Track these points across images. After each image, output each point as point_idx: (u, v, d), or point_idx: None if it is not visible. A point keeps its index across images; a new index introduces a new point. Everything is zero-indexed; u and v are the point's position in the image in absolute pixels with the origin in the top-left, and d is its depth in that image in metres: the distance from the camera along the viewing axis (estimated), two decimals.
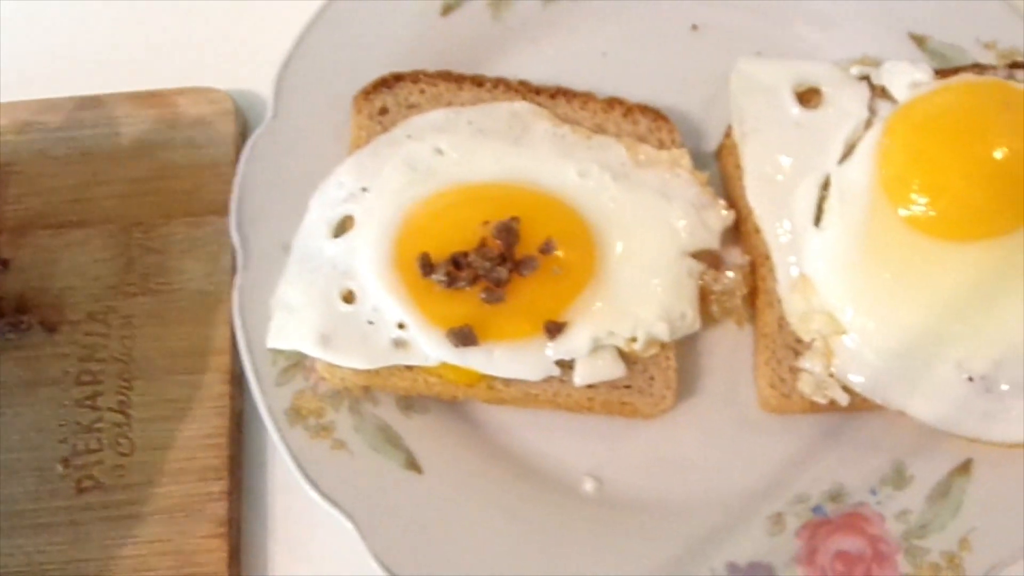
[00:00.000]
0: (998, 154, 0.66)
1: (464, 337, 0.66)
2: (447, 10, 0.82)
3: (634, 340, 0.68)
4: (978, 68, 0.75)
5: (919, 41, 0.80)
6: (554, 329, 0.67)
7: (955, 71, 0.75)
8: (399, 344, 0.68)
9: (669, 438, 0.72)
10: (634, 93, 0.80)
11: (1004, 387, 0.66)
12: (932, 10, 0.79)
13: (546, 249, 0.67)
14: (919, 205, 0.67)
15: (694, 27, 0.84)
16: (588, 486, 0.71)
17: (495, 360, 0.68)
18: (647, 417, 0.71)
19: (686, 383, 0.73)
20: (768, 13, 0.83)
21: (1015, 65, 0.74)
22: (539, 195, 0.70)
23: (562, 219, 0.69)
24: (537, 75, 0.80)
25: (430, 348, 0.67)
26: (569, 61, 0.83)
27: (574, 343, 0.68)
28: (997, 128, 0.67)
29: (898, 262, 0.68)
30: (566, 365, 0.69)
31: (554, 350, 0.68)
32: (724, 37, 0.83)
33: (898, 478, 0.69)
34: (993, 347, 0.66)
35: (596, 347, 0.69)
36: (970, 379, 0.66)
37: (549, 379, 0.69)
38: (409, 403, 0.71)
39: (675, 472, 0.71)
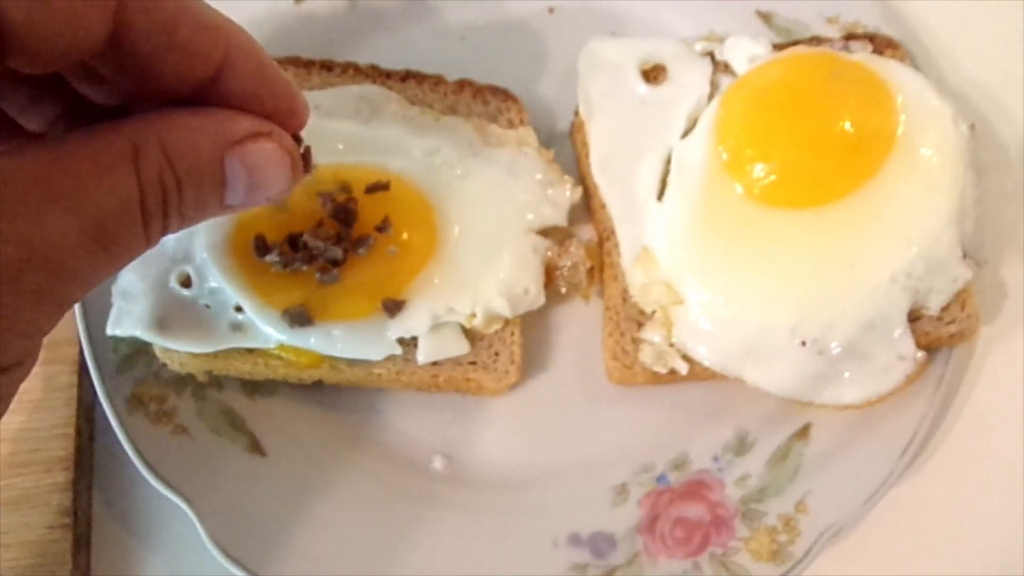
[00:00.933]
0: (822, 123, 0.68)
1: (299, 318, 0.66)
2: None
3: (474, 316, 0.69)
4: (815, 41, 0.76)
5: (766, 18, 0.81)
6: (392, 307, 0.67)
7: (794, 44, 0.76)
8: (237, 327, 0.67)
9: (518, 413, 0.72)
10: (492, 76, 0.80)
11: (835, 350, 0.66)
12: None
13: (382, 228, 0.67)
14: (749, 174, 0.69)
15: (551, 10, 0.85)
16: (437, 464, 0.71)
17: (334, 340, 0.67)
18: (493, 393, 0.71)
19: (535, 358, 0.73)
20: None
21: (850, 37, 0.75)
22: (378, 175, 0.70)
23: (400, 199, 0.69)
24: (395, 62, 0.81)
25: (268, 330, 0.67)
26: (427, 47, 0.83)
27: (414, 321, 0.68)
28: (822, 98, 0.69)
29: (732, 231, 0.69)
30: (410, 343, 0.69)
31: (394, 328, 0.68)
32: (580, 19, 0.84)
33: (740, 445, 0.70)
34: (823, 311, 0.67)
35: (438, 324, 0.69)
36: (803, 343, 0.67)
37: (392, 358, 0.69)
38: (255, 387, 0.71)
39: (523, 447, 0.72)
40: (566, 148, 0.79)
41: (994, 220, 0.78)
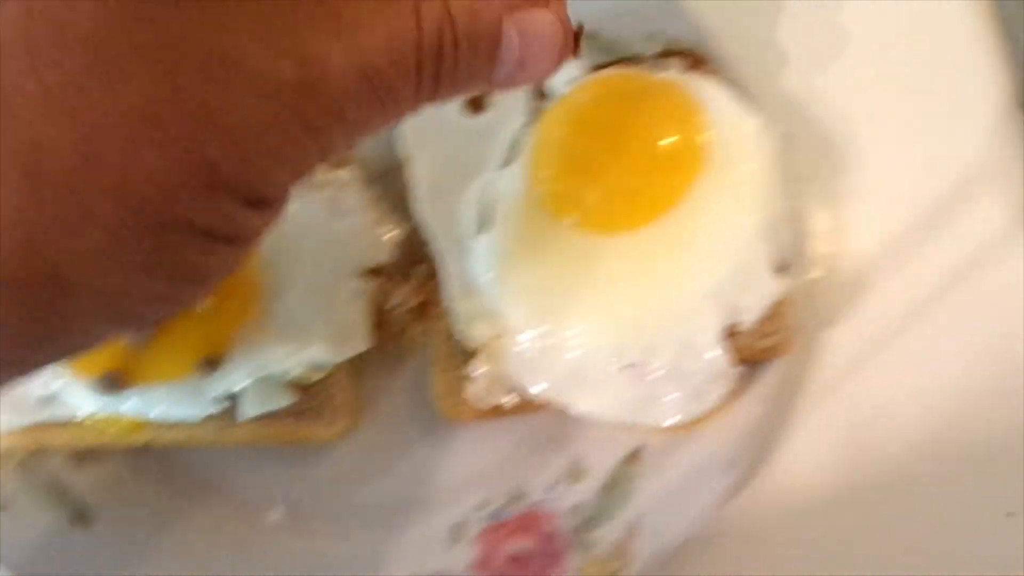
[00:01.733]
0: (630, 146, 0.68)
1: (111, 383, 0.64)
2: None
3: (295, 367, 0.68)
4: (633, 60, 0.76)
5: (591, 37, 0.80)
6: (209, 364, 0.66)
7: (610, 64, 0.76)
8: (46, 400, 0.66)
9: (355, 457, 0.71)
10: None
11: (657, 372, 0.66)
12: (600, 7, 0.80)
13: None
14: (562, 202, 0.68)
15: None
16: (276, 514, 0.70)
17: (151, 404, 0.66)
18: (326, 441, 0.70)
19: (371, 400, 0.72)
20: None
21: (665, 54, 0.75)
22: None
23: None
24: None
25: (79, 399, 0.66)
26: None
27: (233, 376, 0.67)
28: (630, 120, 0.69)
29: (551, 259, 0.69)
30: (233, 399, 0.68)
31: (213, 386, 0.67)
32: None
33: (573, 473, 0.70)
34: (643, 334, 0.67)
35: (260, 378, 0.68)
36: (626, 367, 0.67)
37: (215, 416, 0.68)
38: (83, 454, 0.70)
39: (362, 490, 0.71)
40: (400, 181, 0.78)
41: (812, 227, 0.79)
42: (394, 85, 0.41)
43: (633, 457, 0.69)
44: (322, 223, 0.72)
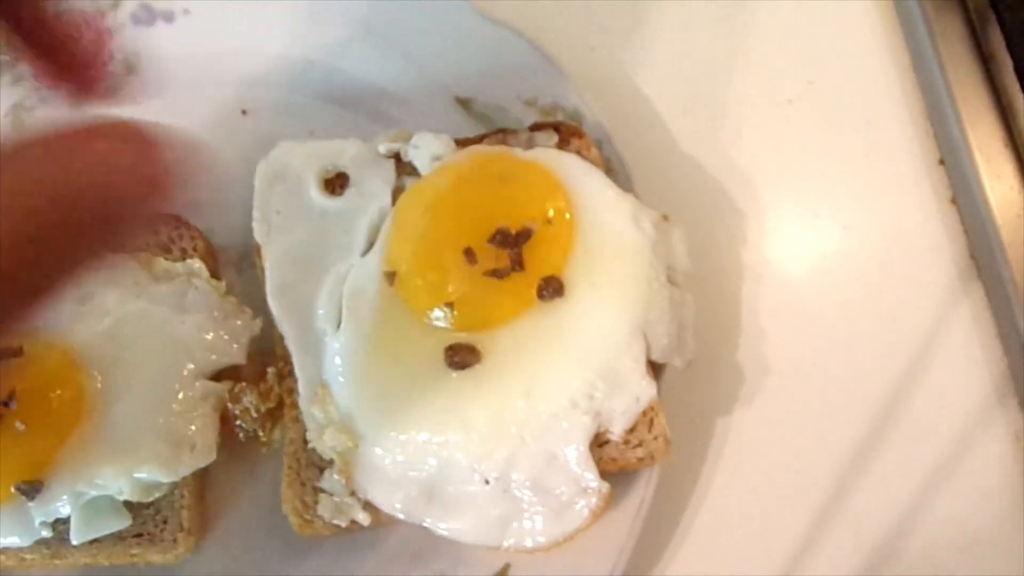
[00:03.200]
0: (489, 237, 0.62)
1: None
2: None
3: (122, 491, 0.62)
4: (501, 134, 0.70)
5: (464, 104, 0.75)
6: (28, 490, 0.60)
7: (480, 139, 0.70)
8: None
9: None
10: (180, 190, 0.74)
11: (519, 487, 0.61)
12: (473, 71, 0.74)
13: (7, 403, 0.60)
14: (416, 297, 0.63)
15: (244, 112, 0.78)
16: None
17: None
18: (166, 563, 0.65)
19: (218, 518, 0.67)
20: (320, 89, 0.78)
21: (536, 127, 0.70)
22: (10, 338, 0.63)
23: (36, 363, 0.63)
24: None
25: None
26: None
27: (56, 501, 0.61)
28: (489, 209, 0.63)
29: (405, 361, 0.63)
30: (64, 522, 0.63)
31: (37, 511, 0.61)
32: (275, 120, 0.77)
33: None
34: (503, 446, 0.61)
35: (88, 500, 0.62)
36: (486, 482, 0.61)
37: (44, 541, 0.62)
38: None
39: None
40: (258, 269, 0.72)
41: (717, 305, 0.74)
42: None
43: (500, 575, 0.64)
44: (163, 322, 0.66)
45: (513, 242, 0.61)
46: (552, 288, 0.61)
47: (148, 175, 0.35)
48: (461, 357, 0.61)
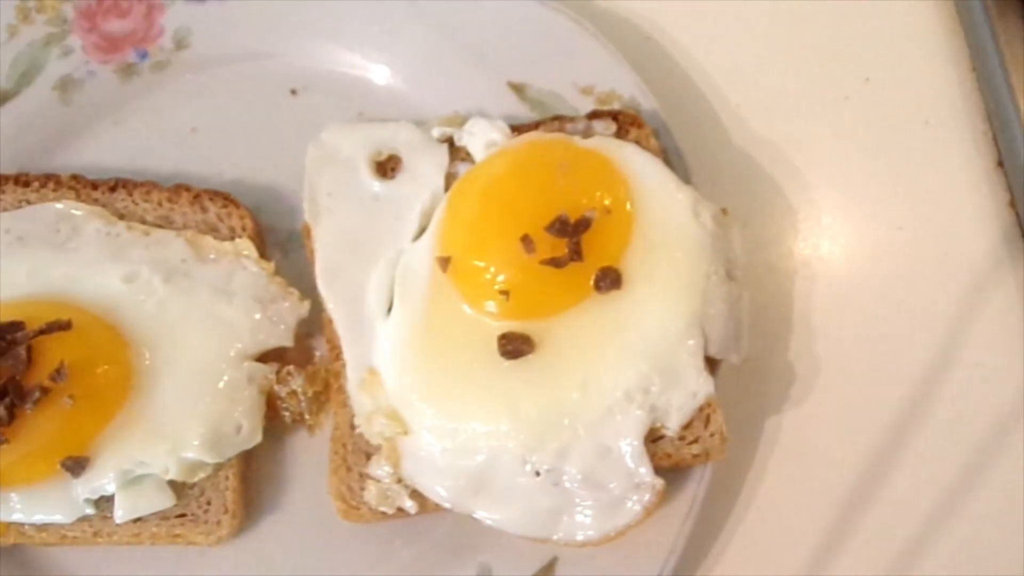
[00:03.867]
0: (548, 225, 0.60)
1: None
2: (3, 99, 0.74)
3: (167, 470, 0.61)
4: (557, 120, 0.69)
5: (518, 90, 0.73)
6: (74, 466, 0.60)
7: (536, 125, 0.69)
8: None
9: (245, 561, 0.65)
10: (227, 171, 0.74)
11: (571, 480, 0.60)
12: (527, 56, 0.73)
13: (57, 376, 0.59)
14: (470, 283, 0.62)
15: (293, 92, 0.77)
16: None
17: (15, 507, 0.60)
18: (210, 545, 0.64)
19: (265, 498, 0.66)
20: (371, 69, 0.76)
21: (594, 115, 0.68)
22: (60, 310, 0.62)
23: (85, 338, 0.62)
24: (118, 160, 0.74)
25: None
26: (154, 141, 0.75)
27: (102, 479, 0.61)
28: (548, 197, 0.62)
29: (458, 349, 0.62)
30: (107, 500, 0.62)
31: (81, 488, 0.61)
32: (325, 100, 0.76)
33: None
34: (556, 437, 0.60)
35: (135, 478, 0.62)
36: (537, 474, 0.60)
37: (87, 518, 0.62)
38: None
39: None
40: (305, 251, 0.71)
41: (770, 302, 0.72)
42: None
43: (547, 569, 0.62)
44: (210, 301, 0.66)
45: (572, 231, 0.60)
46: (610, 279, 0.60)
47: None
48: (515, 346, 0.60)
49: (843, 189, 0.77)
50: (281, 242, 0.73)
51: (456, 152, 0.69)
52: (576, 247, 0.60)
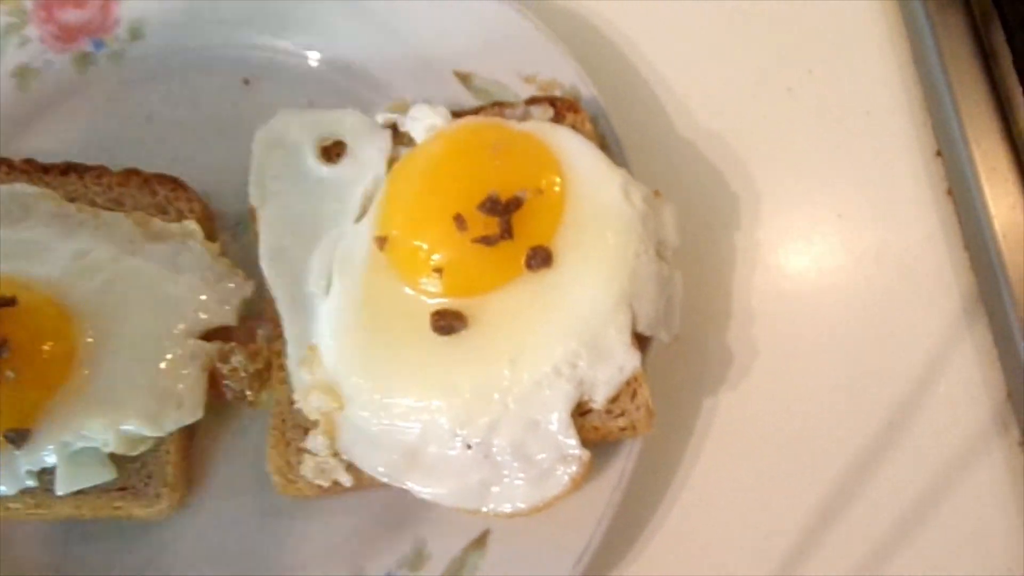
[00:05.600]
0: (480, 204, 0.62)
1: None
2: None
3: (108, 442, 0.63)
4: (498, 107, 0.71)
5: (464, 79, 0.75)
6: (16, 438, 0.61)
7: (476, 111, 0.71)
8: None
9: (189, 535, 0.67)
10: (180, 158, 0.76)
11: (500, 453, 0.61)
12: (473, 47, 0.75)
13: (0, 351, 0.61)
14: (405, 262, 0.63)
15: (246, 81, 0.79)
16: None
17: None
18: (152, 519, 0.65)
19: (203, 475, 0.67)
20: (321, 59, 0.78)
21: (532, 101, 0.70)
22: (4, 287, 0.63)
23: (29, 314, 0.63)
24: (75, 147, 0.76)
25: None
26: (110, 129, 0.77)
27: (43, 451, 0.62)
28: (481, 176, 0.63)
29: (393, 325, 0.64)
30: (49, 473, 0.63)
31: (23, 460, 0.62)
32: (276, 89, 0.78)
33: (416, 558, 0.64)
34: (486, 411, 0.61)
35: (77, 451, 0.63)
36: (468, 447, 0.61)
37: (29, 490, 0.63)
38: None
39: (190, 572, 0.66)
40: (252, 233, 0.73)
41: (710, 285, 0.74)
42: None
43: (479, 542, 0.64)
44: (156, 280, 0.67)
45: (503, 210, 0.61)
46: (540, 257, 0.62)
47: None
48: (447, 322, 0.61)
49: (784, 178, 0.79)
50: (230, 226, 0.74)
51: (399, 137, 0.71)
52: (507, 226, 0.61)
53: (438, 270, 0.62)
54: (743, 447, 0.71)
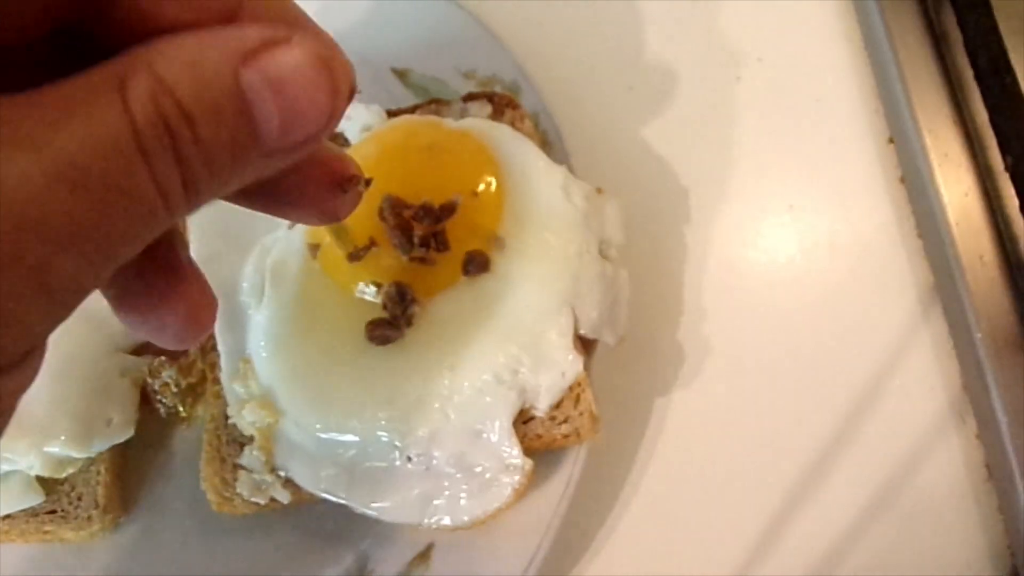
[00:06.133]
0: (415, 205, 0.60)
1: None
2: None
3: (40, 463, 0.60)
4: (436, 104, 0.68)
5: (401, 76, 0.73)
6: None
7: (412, 109, 0.69)
8: None
9: (124, 556, 0.64)
10: None
11: (442, 464, 0.59)
12: (409, 42, 0.73)
13: None
14: (337, 270, 0.61)
15: None
16: None
17: None
18: (84, 541, 0.63)
19: (137, 494, 0.65)
20: None
21: (470, 97, 0.68)
22: None
23: None
24: None
25: None
26: None
27: None
28: (416, 176, 0.61)
29: (327, 332, 0.61)
30: None
31: None
32: None
33: (359, 574, 0.62)
34: (426, 421, 0.59)
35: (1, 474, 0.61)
36: (408, 459, 0.59)
37: None
38: None
39: None
40: None
41: (658, 282, 0.72)
42: (116, 180, 0.31)
43: (423, 556, 0.62)
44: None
45: (436, 217, 0.59)
46: (477, 264, 0.60)
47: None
48: (382, 331, 0.59)
49: (734, 169, 0.77)
50: None
51: (334, 138, 0.69)
52: (442, 238, 0.59)
53: (372, 277, 0.60)
54: (697, 447, 0.69)
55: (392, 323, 0.59)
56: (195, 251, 0.66)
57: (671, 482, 0.68)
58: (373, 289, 0.60)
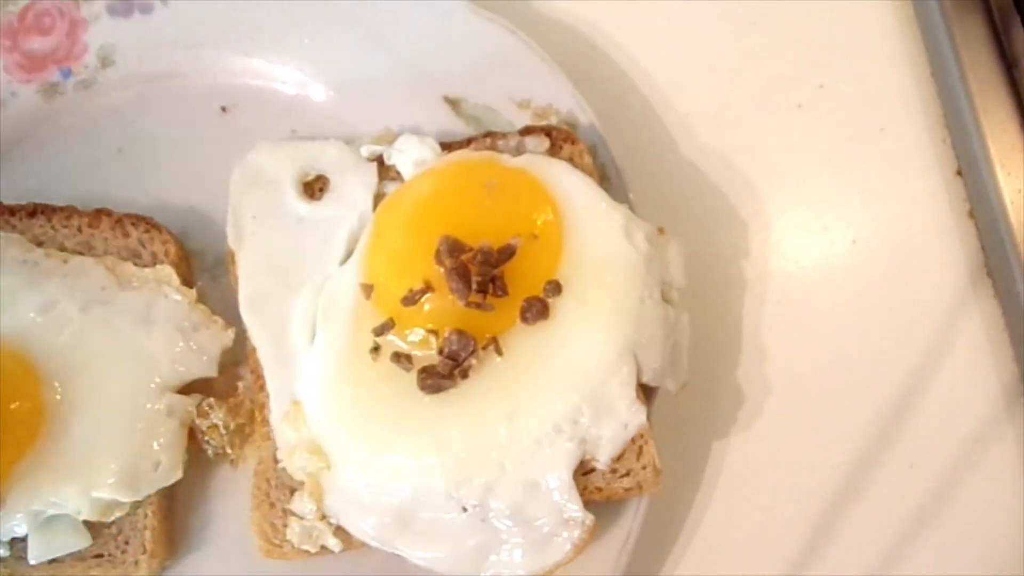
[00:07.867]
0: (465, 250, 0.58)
1: None
2: None
3: (80, 511, 0.59)
4: (490, 137, 0.66)
5: (454, 104, 0.71)
6: None
7: (467, 143, 0.66)
8: None
9: None
10: (155, 190, 0.72)
11: (498, 516, 0.57)
12: (462, 70, 0.70)
13: None
14: (386, 312, 0.59)
15: (223, 109, 0.74)
16: None
17: None
18: None
19: (184, 538, 0.64)
20: (303, 85, 0.74)
21: (526, 131, 0.66)
22: None
23: None
24: (41, 182, 0.72)
25: None
26: (79, 162, 0.73)
27: (11, 520, 0.58)
28: (473, 220, 0.59)
29: (382, 379, 0.59)
30: (22, 541, 0.60)
31: None
32: (255, 118, 0.74)
33: None
34: (483, 471, 0.57)
35: (46, 518, 0.59)
36: (464, 509, 0.58)
37: (2, 559, 0.60)
38: None
39: None
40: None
41: (717, 322, 0.70)
42: None
43: None
44: (129, 332, 0.63)
45: (494, 262, 0.57)
46: (536, 310, 0.57)
47: None
48: (435, 380, 0.57)
49: (795, 201, 0.74)
50: (209, 267, 0.70)
51: (386, 171, 0.67)
52: (501, 284, 0.57)
53: (428, 319, 0.58)
54: (755, 491, 0.67)
55: (446, 375, 0.57)
56: (243, 290, 0.65)
57: (729, 525, 0.66)
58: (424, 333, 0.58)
